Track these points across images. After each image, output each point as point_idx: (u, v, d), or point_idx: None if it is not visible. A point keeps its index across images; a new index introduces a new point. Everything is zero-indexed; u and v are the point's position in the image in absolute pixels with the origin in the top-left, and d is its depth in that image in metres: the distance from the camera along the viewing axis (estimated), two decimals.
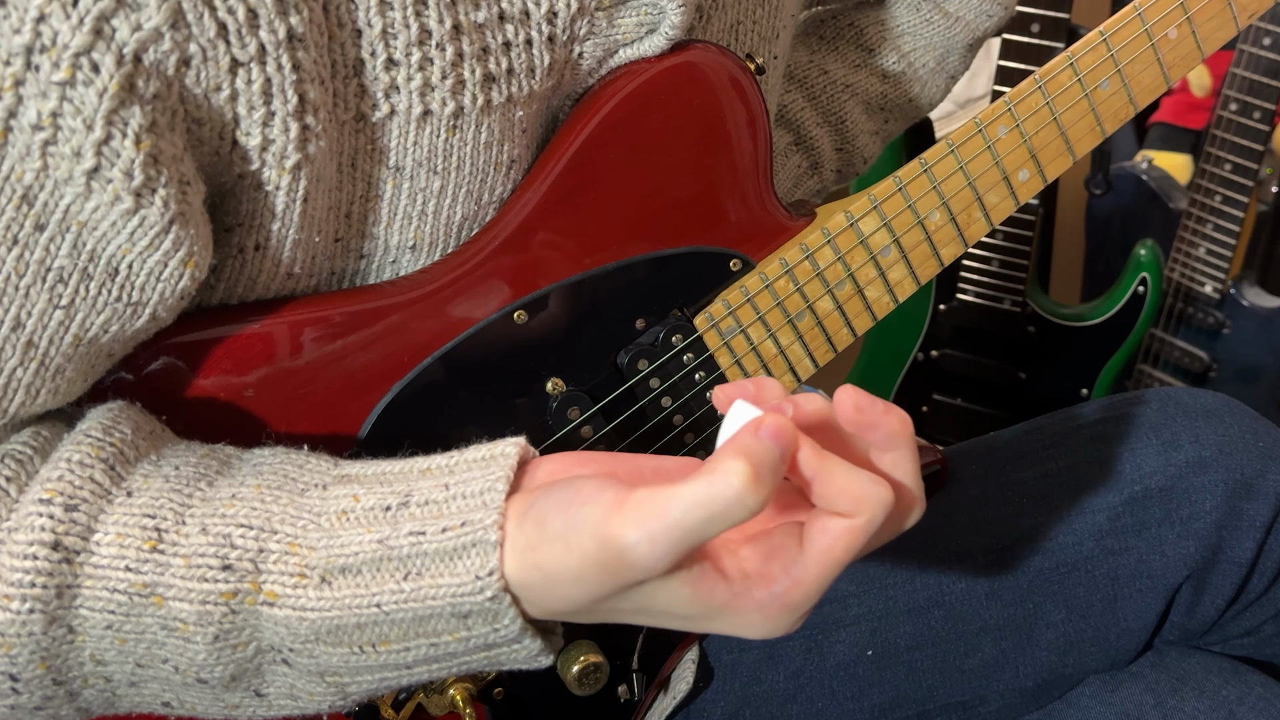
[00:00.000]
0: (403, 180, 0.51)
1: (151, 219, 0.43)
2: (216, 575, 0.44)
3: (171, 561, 0.44)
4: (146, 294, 0.46)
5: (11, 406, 0.47)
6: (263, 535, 0.45)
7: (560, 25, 0.51)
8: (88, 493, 0.45)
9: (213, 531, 0.45)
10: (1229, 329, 1.44)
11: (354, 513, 0.46)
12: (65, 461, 0.46)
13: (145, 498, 0.46)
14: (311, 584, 0.44)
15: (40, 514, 0.44)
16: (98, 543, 0.44)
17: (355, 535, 0.45)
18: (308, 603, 0.44)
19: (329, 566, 0.45)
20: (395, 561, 0.44)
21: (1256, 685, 0.66)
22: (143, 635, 0.45)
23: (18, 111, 0.41)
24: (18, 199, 0.42)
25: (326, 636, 0.45)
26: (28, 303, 0.44)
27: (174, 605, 0.44)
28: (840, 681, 0.68)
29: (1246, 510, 0.65)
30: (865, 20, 0.77)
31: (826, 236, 0.62)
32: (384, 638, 0.45)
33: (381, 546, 0.44)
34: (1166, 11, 0.65)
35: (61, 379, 0.47)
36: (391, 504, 0.46)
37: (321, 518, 0.46)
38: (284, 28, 0.44)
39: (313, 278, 0.52)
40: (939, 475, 0.69)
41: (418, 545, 0.44)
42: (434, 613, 0.44)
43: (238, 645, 0.45)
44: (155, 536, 0.45)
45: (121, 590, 0.44)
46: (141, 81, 0.41)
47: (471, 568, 0.43)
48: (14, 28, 0.40)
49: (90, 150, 0.41)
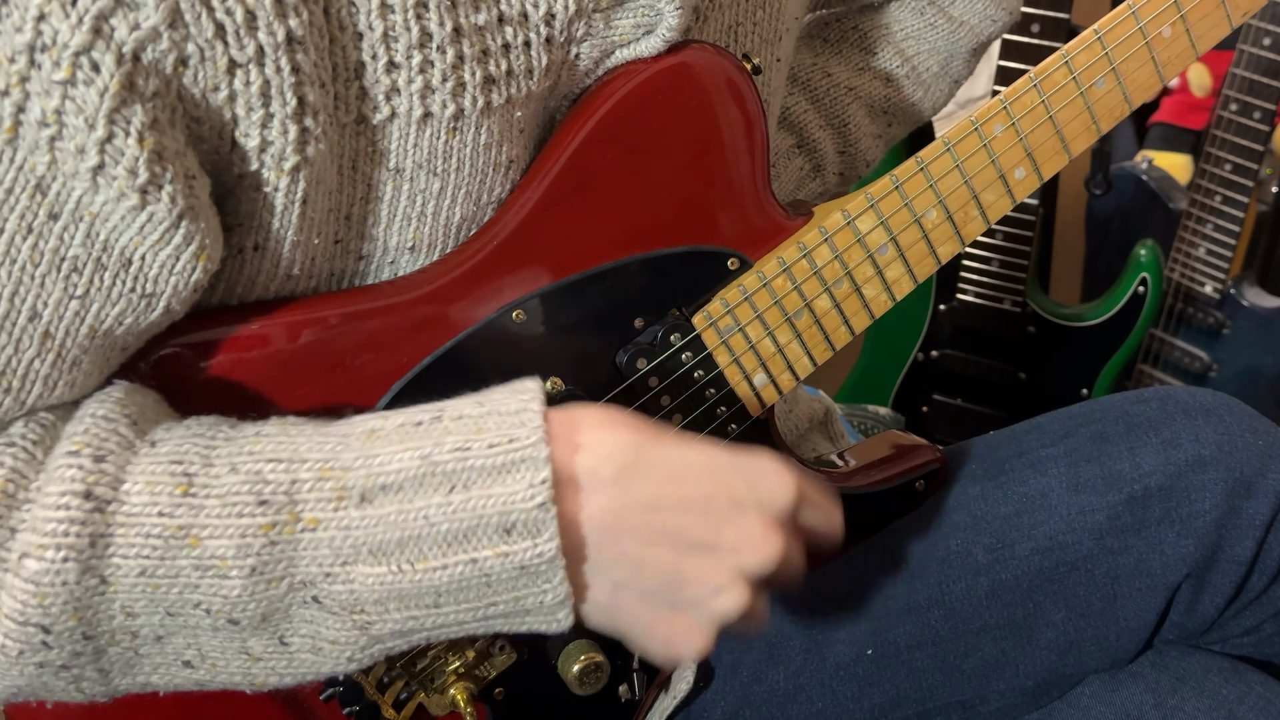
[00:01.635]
0: (402, 182, 0.51)
1: (160, 214, 0.44)
2: (253, 510, 0.45)
3: (205, 503, 0.45)
4: (160, 286, 0.46)
5: (29, 398, 0.47)
6: (293, 466, 0.46)
7: (558, 27, 0.51)
8: (114, 444, 0.46)
9: (243, 470, 0.46)
10: (1229, 329, 1.44)
11: (383, 431, 0.47)
12: (90, 417, 0.47)
13: (169, 446, 0.47)
14: (352, 503, 0.45)
15: (70, 465, 0.45)
16: (128, 491, 0.45)
17: (393, 451, 0.46)
18: (351, 521, 0.45)
19: (368, 485, 0.46)
20: (440, 477, 0.46)
21: (1256, 685, 0.66)
22: (176, 579, 0.45)
23: (25, 107, 0.41)
24: (31, 188, 0.43)
25: (368, 555, 0.45)
26: (44, 292, 0.45)
27: (210, 544, 0.45)
28: (840, 681, 0.68)
29: (1246, 509, 0.65)
30: (869, 24, 0.78)
31: (824, 235, 0.62)
32: (423, 554, 0.46)
33: (425, 463, 0.46)
34: (1160, 10, 0.65)
35: (78, 371, 0.48)
36: (423, 419, 0.47)
37: (349, 438, 0.47)
38: (283, 30, 0.44)
39: (312, 279, 0.52)
40: (939, 475, 0.69)
41: (464, 460, 0.46)
42: (481, 523, 0.45)
43: (272, 580, 0.46)
44: (185, 481, 0.46)
45: (156, 534, 0.45)
46: (141, 80, 0.42)
47: (523, 479, 0.45)
48: (16, 26, 0.40)
49: (94, 148, 0.42)
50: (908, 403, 1.44)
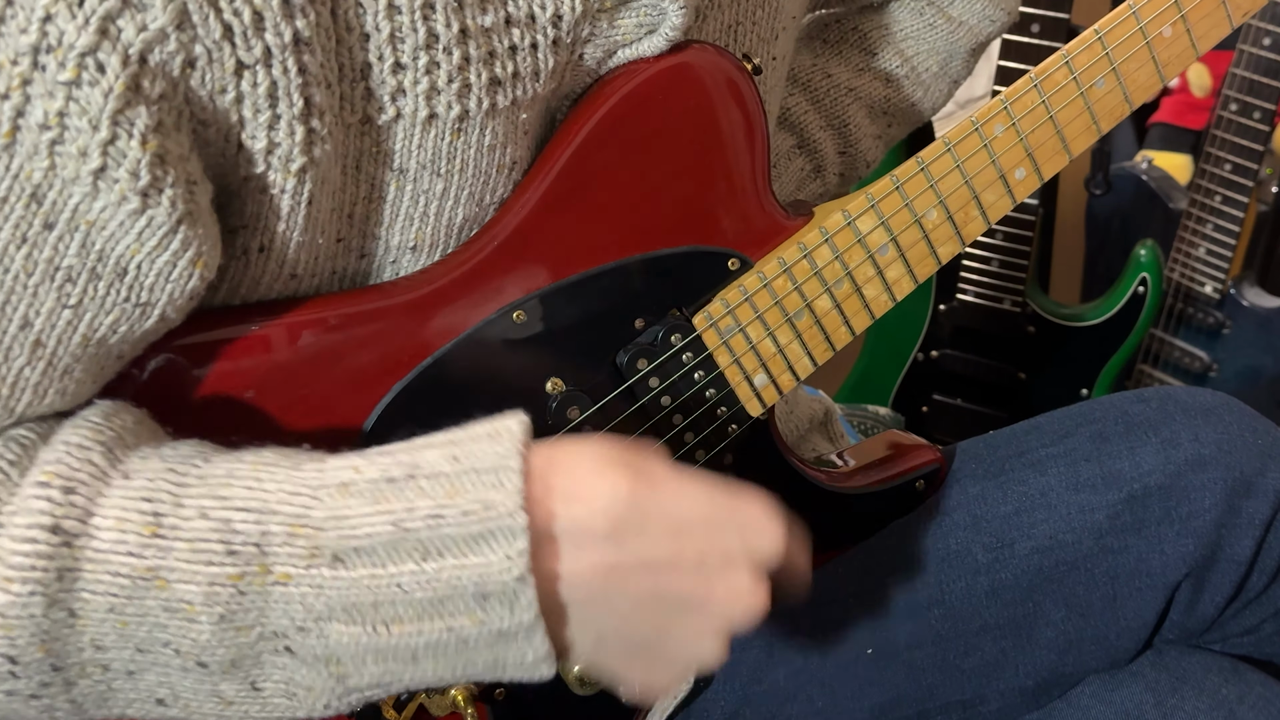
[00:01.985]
0: (406, 182, 0.51)
1: (159, 219, 0.44)
2: (222, 559, 0.44)
3: (173, 545, 0.44)
4: (155, 294, 0.46)
5: (19, 407, 0.47)
6: (263, 518, 0.45)
7: (565, 29, 0.51)
8: (85, 475, 0.45)
9: (212, 516, 0.45)
10: (1229, 329, 1.44)
11: (356, 485, 0.45)
12: (64, 444, 0.46)
13: (141, 480, 0.46)
14: (324, 562, 0.44)
15: (39, 496, 0.44)
16: (97, 526, 0.44)
17: (365, 515, 0.45)
18: (323, 581, 0.44)
19: (340, 547, 0.44)
20: (412, 544, 0.44)
21: (1256, 684, 0.66)
22: (144, 618, 0.45)
23: (25, 111, 0.41)
24: (26, 197, 0.42)
25: (341, 614, 0.44)
26: (36, 301, 0.44)
27: (178, 588, 0.44)
28: (840, 680, 0.68)
29: (1246, 508, 0.65)
30: (869, 24, 0.78)
31: (824, 235, 0.62)
32: (398, 617, 0.45)
33: (396, 530, 0.44)
34: (1161, 10, 0.65)
35: (70, 380, 0.47)
36: (396, 475, 0.45)
37: (321, 491, 0.45)
38: (290, 31, 0.44)
39: (315, 278, 0.52)
40: (938, 475, 0.70)
41: (437, 529, 0.44)
42: (455, 593, 0.44)
43: (242, 628, 0.45)
44: (154, 522, 0.45)
45: (124, 574, 0.44)
46: (147, 82, 0.42)
47: (499, 549, 0.44)
48: (20, 27, 0.40)
49: (96, 150, 0.42)
50: (908, 403, 1.44)
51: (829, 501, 0.68)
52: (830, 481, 0.68)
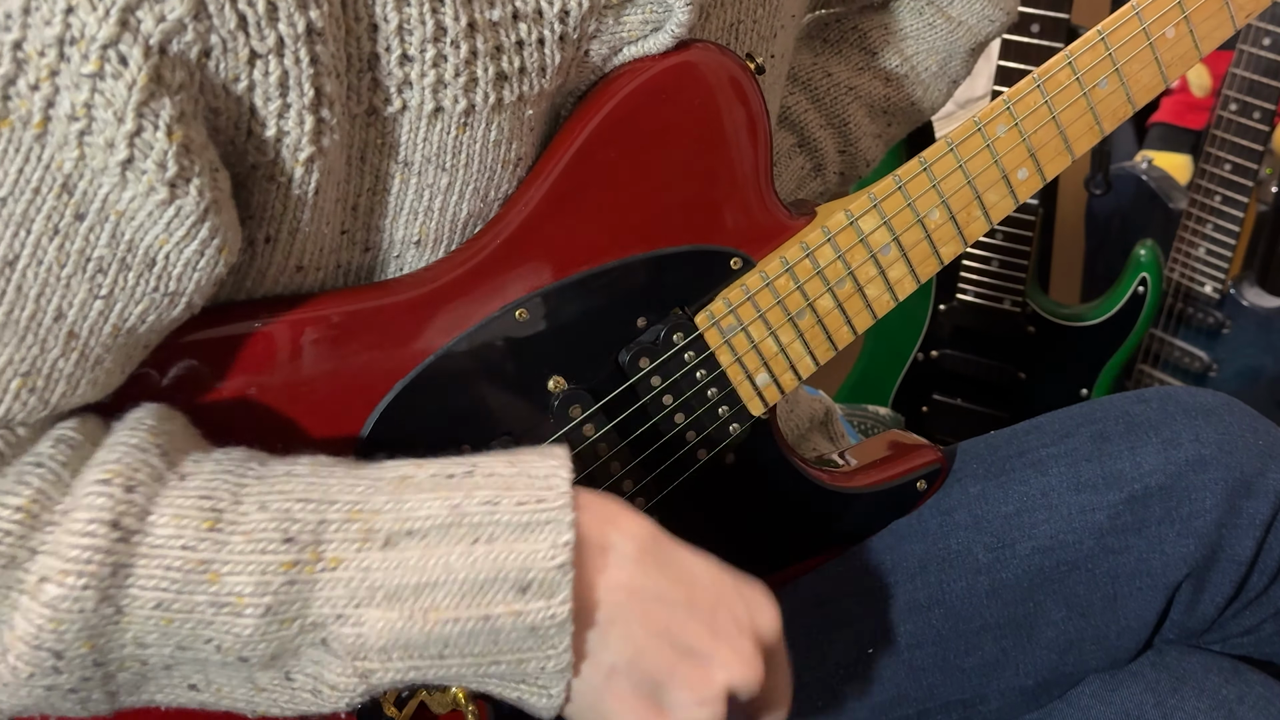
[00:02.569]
0: (411, 175, 0.51)
1: (187, 209, 0.44)
2: (277, 548, 0.45)
3: (230, 539, 0.45)
4: (184, 283, 0.46)
5: (54, 398, 0.47)
6: (322, 507, 0.46)
7: (572, 24, 0.51)
8: (145, 475, 0.46)
9: (271, 508, 0.46)
10: (1229, 329, 1.44)
11: (415, 479, 0.48)
12: (124, 445, 0.46)
13: (199, 480, 0.47)
14: (376, 545, 0.46)
15: (100, 493, 0.45)
16: (153, 523, 0.45)
17: (424, 498, 0.47)
18: (372, 563, 0.46)
19: (395, 530, 0.46)
20: (466, 528, 0.46)
21: (1256, 684, 0.66)
22: (190, 614, 0.45)
23: (55, 102, 0.41)
24: (58, 188, 0.43)
25: (383, 599, 0.46)
26: (69, 293, 0.45)
27: (229, 580, 0.45)
28: (840, 680, 0.68)
29: (1246, 508, 0.65)
30: (869, 24, 0.78)
31: (826, 235, 0.62)
32: (436, 605, 0.46)
33: (454, 512, 0.46)
34: (1164, 11, 0.65)
35: (100, 370, 0.48)
36: (455, 472, 0.48)
37: (381, 482, 0.47)
38: (303, 21, 0.44)
39: (320, 271, 0.52)
40: (939, 475, 0.70)
41: (492, 514, 0.46)
42: (499, 576, 0.46)
43: (285, 620, 0.46)
44: (213, 516, 0.46)
45: (176, 568, 0.45)
46: (168, 72, 0.42)
47: (547, 538, 0.46)
48: (45, 19, 0.40)
49: (123, 142, 0.42)
50: (908, 403, 1.44)
51: (830, 501, 0.68)
52: (831, 481, 0.68)
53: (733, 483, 0.65)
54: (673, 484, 0.63)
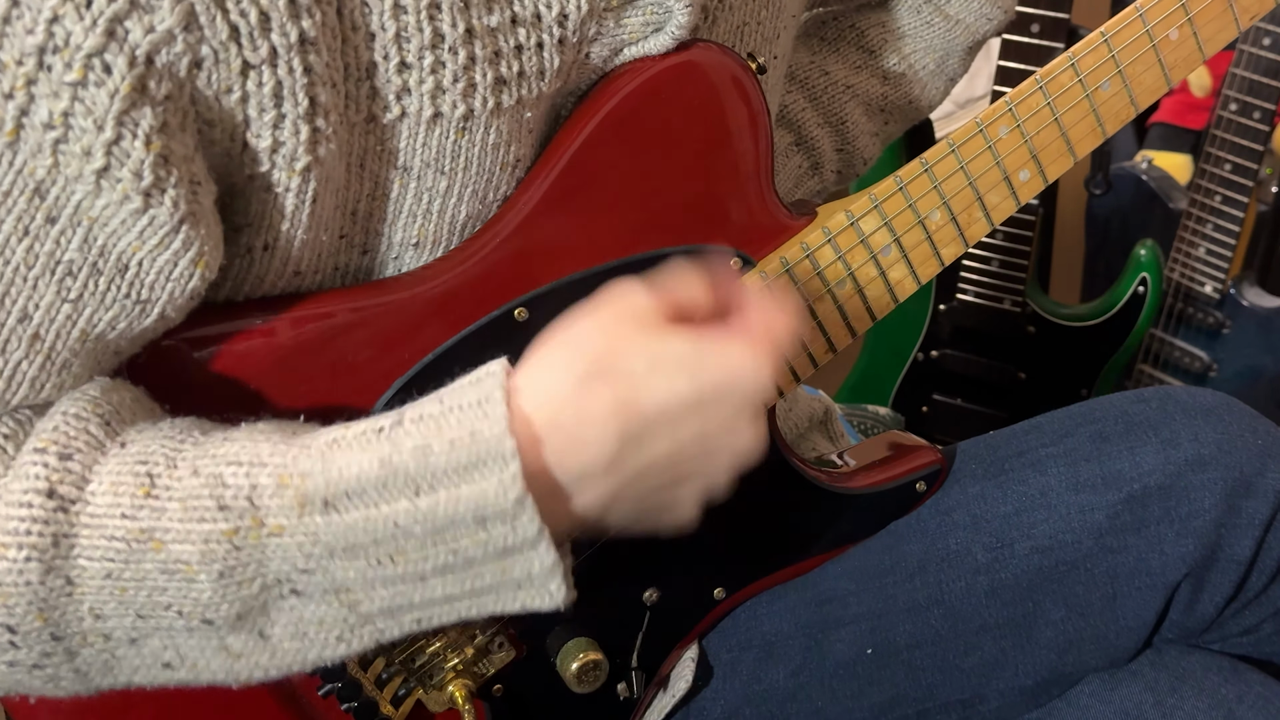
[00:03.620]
0: (410, 180, 0.51)
1: (161, 219, 0.44)
2: (215, 515, 0.44)
3: (166, 505, 0.45)
4: (155, 292, 0.46)
5: (15, 399, 0.47)
6: (253, 470, 0.45)
7: (571, 28, 0.51)
8: (82, 443, 0.45)
9: (204, 472, 0.45)
10: (1229, 329, 1.44)
11: (344, 440, 0.46)
12: (61, 414, 0.46)
13: (137, 446, 0.46)
14: (315, 509, 0.44)
15: (35, 462, 0.44)
16: (92, 492, 0.45)
17: (352, 458, 0.45)
18: (317, 528, 0.44)
19: (330, 492, 0.44)
20: (402, 479, 0.44)
21: (1255, 684, 0.66)
22: (143, 582, 0.45)
23: (29, 110, 0.41)
24: (30, 192, 0.43)
25: (341, 554, 0.45)
26: (36, 295, 0.45)
27: (174, 548, 0.44)
28: (840, 680, 0.68)
29: (1245, 508, 0.65)
30: (866, 22, 0.78)
31: (827, 235, 0.62)
32: (400, 550, 0.45)
33: (384, 467, 0.44)
34: (1168, 13, 0.65)
35: (67, 374, 0.47)
36: (384, 425, 0.46)
37: (310, 448, 0.46)
38: (296, 31, 0.44)
39: (318, 274, 0.52)
40: (939, 475, 0.70)
41: (424, 462, 0.44)
42: (453, 521, 0.44)
43: (243, 581, 0.45)
44: (148, 482, 0.45)
45: (119, 538, 0.44)
46: (153, 83, 0.42)
47: (491, 475, 0.44)
48: (27, 28, 0.40)
49: (100, 150, 0.42)
50: (908, 403, 1.44)
51: (829, 501, 0.68)
52: (830, 482, 0.68)
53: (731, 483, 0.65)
54: None
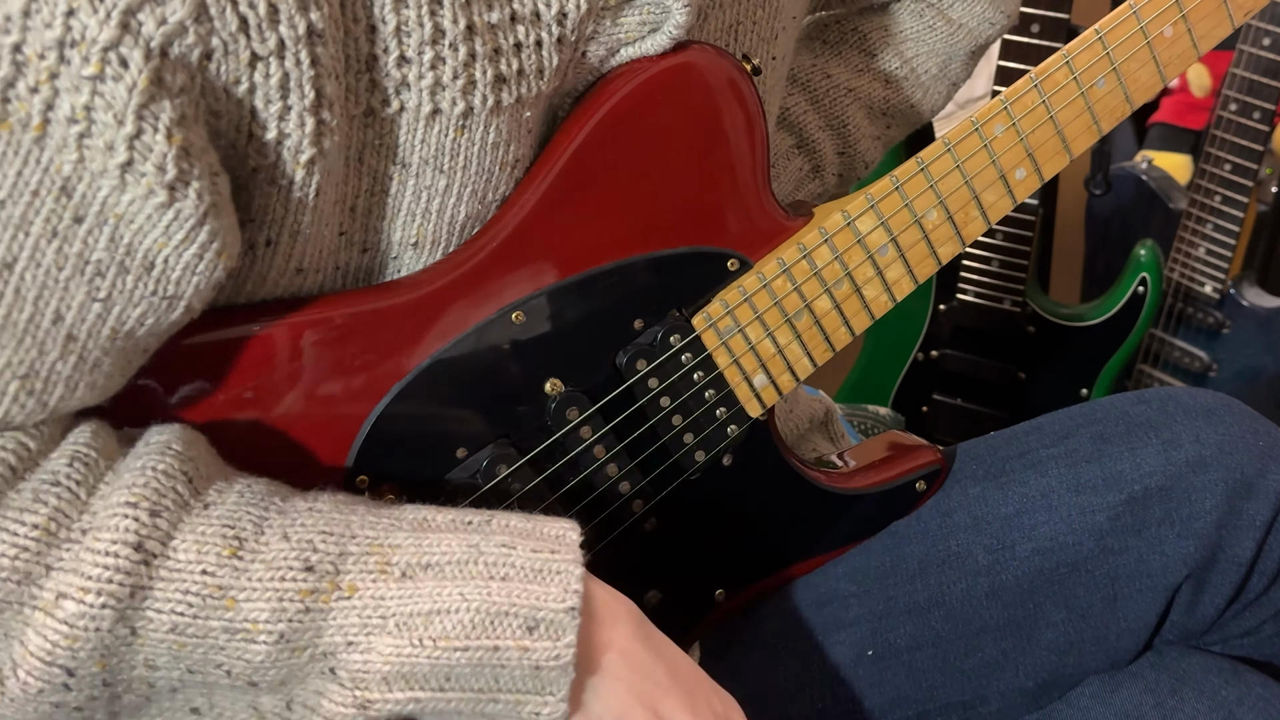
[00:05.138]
0: (408, 177, 0.51)
1: (186, 212, 0.44)
2: (298, 575, 0.46)
3: (250, 567, 0.46)
4: (182, 287, 0.46)
5: (52, 400, 0.47)
6: (344, 539, 0.48)
7: (570, 26, 0.51)
8: (170, 501, 0.46)
9: (294, 538, 0.47)
10: (1229, 329, 1.44)
11: (435, 521, 0.50)
12: (151, 470, 0.47)
13: (223, 509, 0.47)
14: (393, 577, 0.47)
15: (126, 515, 0.45)
16: (175, 548, 0.46)
17: (442, 537, 0.49)
18: (388, 593, 0.47)
19: (413, 563, 0.48)
20: (482, 566, 0.48)
21: (1256, 685, 0.66)
22: (204, 639, 0.46)
23: (54, 104, 0.41)
24: (57, 190, 0.43)
25: (394, 628, 0.47)
26: (68, 296, 0.45)
27: (245, 606, 0.46)
28: (840, 682, 0.68)
29: (1246, 510, 0.65)
30: (869, 25, 0.78)
31: (824, 236, 0.62)
32: (446, 633, 0.47)
33: (472, 550, 0.48)
34: (1162, 10, 0.65)
35: (99, 373, 0.48)
36: (474, 520, 0.50)
37: (401, 521, 0.49)
38: (304, 23, 0.44)
39: (319, 273, 0.52)
40: (939, 476, 0.69)
41: (508, 556, 0.49)
42: (511, 611, 0.48)
43: (297, 649, 0.47)
44: (236, 544, 0.47)
45: (195, 592, 0.46)
46: (169, 76, 0.42)
47: (558, 583, 0.49)
48: (45, 22, 0.40)
49: (123, 144, 0.42)
50: (908, 403, 1.44)
51: (829, 502, 0.68)
52: (830, 482, 0.68)
53: (731, 484, 0.65)
54: (671, 486, 0.63)
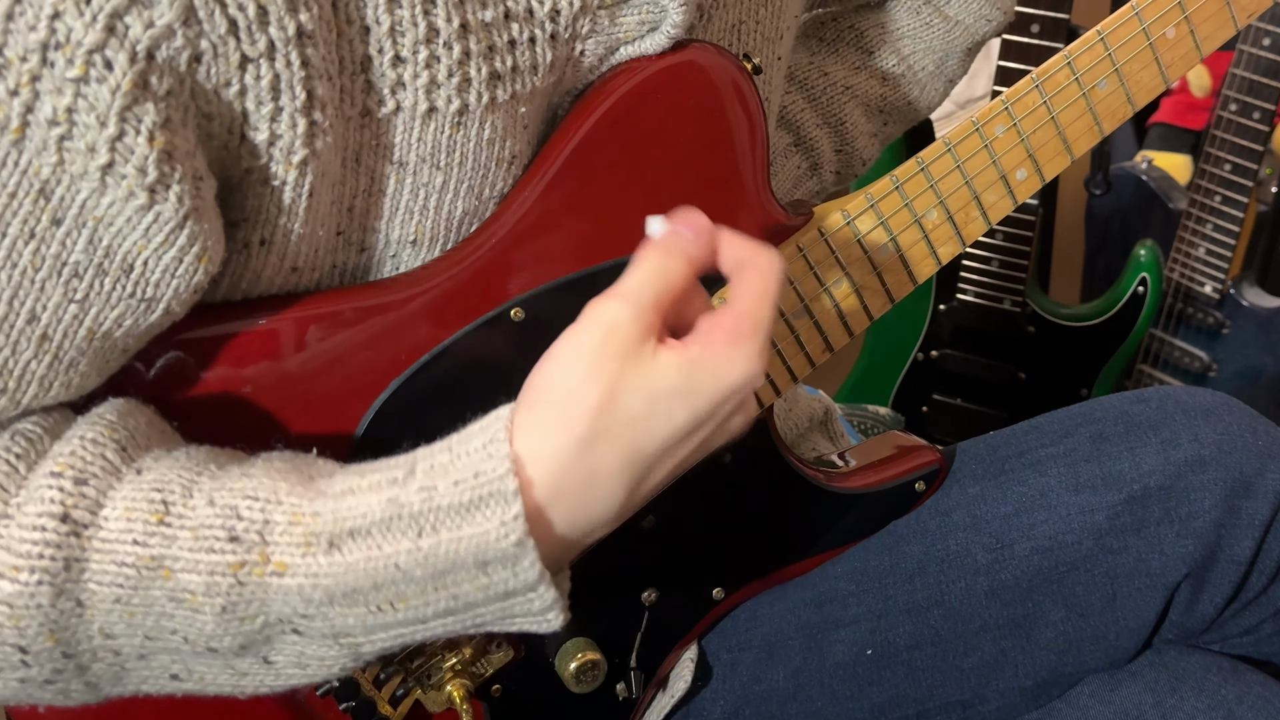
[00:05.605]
0: (405, 175, 0.51)
1: (166, 215, 0.44)
2: (224, 546, 0.45)
3: (178, 534, 0.45)
4: (161, 290, 0.46)
5: (25, 399, 0.47)
6: (269, 506, 0.46)
7: (563, 24, 0.51)
8: (98, 468, 0.46)
9: (219, 503, 0.46)
10: (1229, 329, 1.44)
11: (359, 488, 0.46)
12: (79, 439, 0.46)
13: (154, 474, 0.46)
14: (320, 549, 0.45)
15: (51, 486, 0.45)
16: (105, 517, 0.45)
17: (360, 498, 0.46)
18: (318, 568, 0.45)
19: (336, 531, 0.45)
20: (406, 519, 0.45)
21: (1255, 684, 0.66)
22: (150, 608, 0.45)
23: (34, 107, 0.41)
24: (35, 193, 0.43)
25: (341, 599, 0.45)
26: (43, 296, 0.45)
27: (181, 577, 0.45)
28: (840, 681, 0.68)
29: (1245, 509, 0.65)
30: (865, 23, 0.78)
31: (823, 235, 0.62)
32: (401, 595, 0.45)
33: (391, 505, 0.45)
34: (1164, 11, 0.65)
35: (75, 373, 0.48)
36: (398, 475, 0.46)
37: (332, 486, 0.47)
38: (293, 24, 0.44)
39: (315, 271, 0.52)
40: (939, 476, 0.69)
41: (429, 500, 0.45)
42: (454, 564, 0.45)
43: (245, 618, 0.46)
44: (162, 509, 0.45)
45: (129, 564, 0.45)
46: (155, 78, 0.42)
47: (494, 516, 0.44)
48: (30, 24, 0.40)
49: (104, 146, 0.42)
50: (908, 403, 1.44)
51: (828, 501, 0.68)
52: (829, 482, 0.68)
53: (730, 483, 0.65)
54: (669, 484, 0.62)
